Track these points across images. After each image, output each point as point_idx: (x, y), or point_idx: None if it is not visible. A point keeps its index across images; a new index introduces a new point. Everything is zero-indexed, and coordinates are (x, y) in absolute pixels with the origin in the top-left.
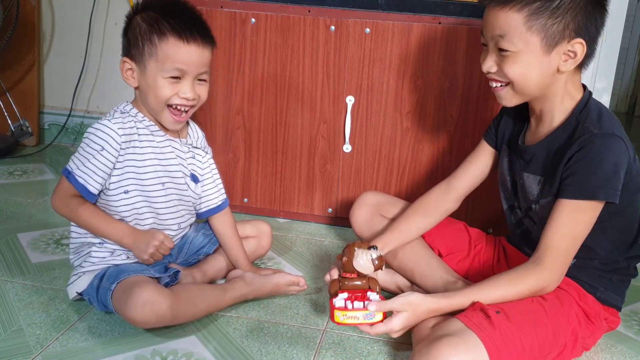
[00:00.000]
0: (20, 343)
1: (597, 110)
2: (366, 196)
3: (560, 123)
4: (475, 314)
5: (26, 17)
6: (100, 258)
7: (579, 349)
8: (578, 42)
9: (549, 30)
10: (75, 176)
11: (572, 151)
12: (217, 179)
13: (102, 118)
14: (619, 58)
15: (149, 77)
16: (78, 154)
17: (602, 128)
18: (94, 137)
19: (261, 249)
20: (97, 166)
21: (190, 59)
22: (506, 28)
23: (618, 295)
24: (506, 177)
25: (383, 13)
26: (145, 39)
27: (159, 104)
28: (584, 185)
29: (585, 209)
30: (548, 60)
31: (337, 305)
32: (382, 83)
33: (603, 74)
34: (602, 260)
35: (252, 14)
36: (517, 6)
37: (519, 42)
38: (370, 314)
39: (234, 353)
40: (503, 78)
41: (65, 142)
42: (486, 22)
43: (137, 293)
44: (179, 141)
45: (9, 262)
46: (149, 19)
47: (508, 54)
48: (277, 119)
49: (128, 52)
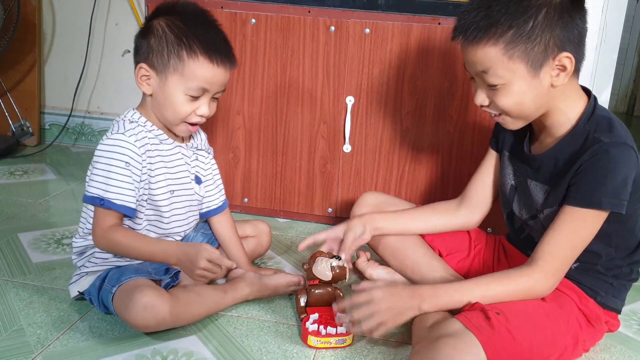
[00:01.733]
0: (20, 343)
1: (607, 119)
2: (366, 196)
3: (566, 132)
4: (475, 314)
5: (27, 18)
6: (103, 259)
7: (579, 351)
8: (564, 56)
9: (531, 53)
10: (111, 200)
11: (582, 160)
12: (218, 180)
13: (112, 131)
14: (618, 58)
15: (168, 90)
16: (98, 176)
17: (614, 137)
18: (113, 154)
19: (261, 248)
20: (127, 182)
21: (215, 80)
22: (487, 63)
23: (618, 299)
24: (507, 184)
25: (383, 14)
26: (172, 52)
27: (176, 119)
28: (590, 194)
29: (588, 218)
30: (538, 81)
31: (310, 330)
32: (382, 83)
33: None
34: (604, 265)
35: (252, 15)
36: (491, 40)
37: (504, 73)
38: (342, 339)
39: (234, 352)
40: (497, 110)
41: (66, 142)
42: (465, 59)
43: (137, 297)
44: (185, 146)
45: (10, 262)
46: (177, 30)
47: (498, 87)
48: (277, 119)
49: (147, 58)
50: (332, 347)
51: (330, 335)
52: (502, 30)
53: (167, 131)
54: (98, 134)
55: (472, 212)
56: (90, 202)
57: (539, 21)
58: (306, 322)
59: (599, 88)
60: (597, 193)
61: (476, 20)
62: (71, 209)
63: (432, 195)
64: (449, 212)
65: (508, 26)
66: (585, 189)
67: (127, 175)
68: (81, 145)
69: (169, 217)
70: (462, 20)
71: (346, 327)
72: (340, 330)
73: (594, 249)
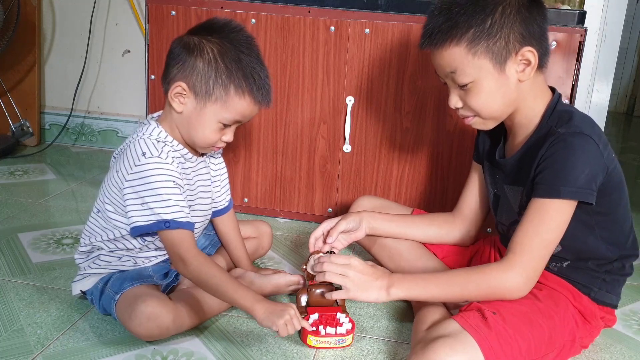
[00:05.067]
0: (20, 343)
1: (568, 112)
2: (362, 201)
3: (532, 131)
4: (472, 314)
5: (27, 18)
6: (107, 262)
7: (577, 348)
8: (527, 50)
9: (493, 49)
10: (177, 220)
11: (541, 152)
12: (225, 180)
13: (139, 152)
14: (618, 58)
15: (203, 116)
16: (147, 203)
17: (571, 127)
18: (157, 177)
19: (261, 250)
20: (181, 199)
21: (252, 114)
22: (454, 63)
23: (613, 294)
24: (490, 192)
25: (383, 14)
26: (219, 83)
27: (204, 144)
28: (550, 184)
29: (552, 209)
30: (505, 77)
31: (310, 330)
32: (382, 83)
33: (602, 74)
34: (595, 261)
35: (253, 15)
36: (454, 41)
37: (471, 70)
38: (342, 339)
39: (234, 352)
40: (470, 112)
41: (66, 143)
42: (435, 64)
43: (141, 307)
44: (205, 159)
45: (10, 262)
46: (229, 62)
47: (469, 86)
48: (277, 119)
49: (188, 78)
50: (332, 347)
51: (330, 335)
52: (463, 30)
53: (188, 147)
54: (98, 134)
55: (468, 227)
56: (151, 229)
57: (496, 18)
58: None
59: (599, 88)
60: (556, 183)
61: (438, 24)
62: (71, 209)
63: (432, 196)
64: (447, 225)
65: (468, 26)
66: (545, 180)
67: (178, 193)
68: (81, 145)
69: None
70: (427, 28)
71: (309, 267)
72: (340, 330)
73: (583, 246)
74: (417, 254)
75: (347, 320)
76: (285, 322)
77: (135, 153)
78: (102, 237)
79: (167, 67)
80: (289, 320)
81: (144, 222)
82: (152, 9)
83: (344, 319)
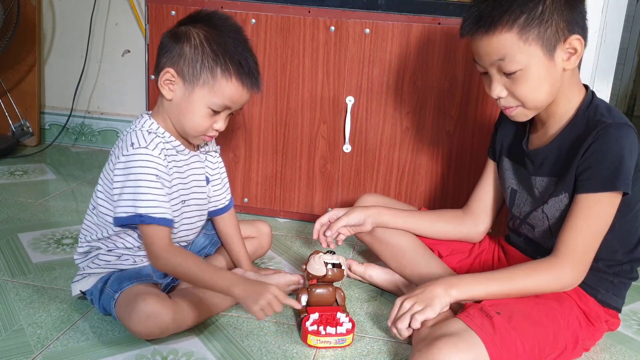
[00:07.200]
0: (21, 343)
1: (605, 104)
2: (366, 198)
3: (568, 121)
4: (477, 314)
5: (27, 18)
6: (106, 262)
7: (579, 350)
8: (575, 38)
9: (544, 36)
10: (150, 215)
11: (587, 143)
12: (225, 179)
13: (129, 143)
14: (618, 58)
15: (192, 101)
16: (127, 194)
17: (616, 119)
18: (140, 169)
19: (261, 250)
20: (160, 194)
21: (240, 101)
22: (503, 50)
23: (618, 297)
24: (507, 187)
25: (383, 14)
26: (205, 66)
27: (195, 132)
28: (602, 177)
29: (604, 201)
30: (554, 65)
31: (310, 330)
32: (382, 83)
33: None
34: (606, 262)
35: (253, 15)
36: (505, 27)
37: (522, 57)
38: (342, 339)
39: (234, 352)
40: (514, 101)
41: (66, 143)
42: (478, 51)
43: (140, 307)
44: (199, 152)
45: (10, 262)
46: (215, 46)
47: (517, 74)
48: (277, 119)
49: (176, 64)
50: (332, 347)
51: (330, 335)
52: (515, 16)
53: (181, 139)
54: (98, 134)
55: (476, 223)
56: (128, 222)
57: (547, 5)
58: (306, 321)
59: (599, 88)
60: (609, 174)
61: (487, 10)
62: (71, 209)
63: (432, 196)
64: (455, 220)
65: (520, 12)
66: (596, 173)
67: (158, 187)
68: (81, 145)
69: (179, 226)
70: (472, 13)
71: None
72: (340, 330)
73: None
74: (420, 254)
75: (347, 320)
76: (261, 307)
77: (125, 144)
78: (97, 234)
79: (157, 58)
80: (265, 305)
81: (123, 214)
82: (152, 9)
83: (344, 319)
